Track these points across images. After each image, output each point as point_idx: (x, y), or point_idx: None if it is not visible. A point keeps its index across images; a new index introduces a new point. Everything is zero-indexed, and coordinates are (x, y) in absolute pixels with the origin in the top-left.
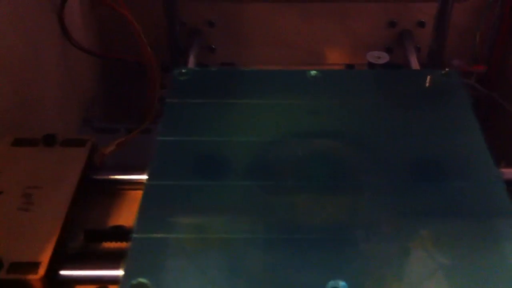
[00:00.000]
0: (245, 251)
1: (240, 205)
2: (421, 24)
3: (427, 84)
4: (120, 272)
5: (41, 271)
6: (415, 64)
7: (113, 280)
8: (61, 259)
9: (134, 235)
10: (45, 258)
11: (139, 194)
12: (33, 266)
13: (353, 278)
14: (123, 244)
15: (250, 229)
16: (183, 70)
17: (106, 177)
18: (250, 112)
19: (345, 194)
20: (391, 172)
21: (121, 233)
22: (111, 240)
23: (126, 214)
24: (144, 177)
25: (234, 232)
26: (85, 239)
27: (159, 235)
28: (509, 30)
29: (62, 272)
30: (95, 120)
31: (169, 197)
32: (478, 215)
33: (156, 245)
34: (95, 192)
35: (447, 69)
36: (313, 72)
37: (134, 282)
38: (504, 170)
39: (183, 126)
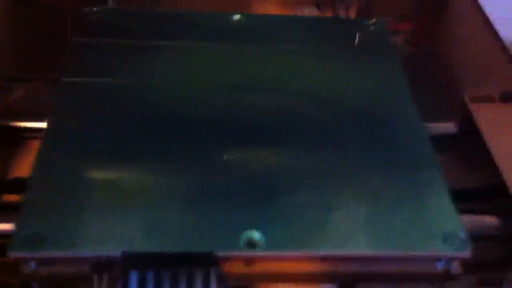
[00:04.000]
0: (160, 203)
1: (154, 154)
2: None
3: (355, 33)
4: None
5: None
6: None
7: (9, 234)
8: None
9: (31, 183)
10: None
11: None
12: None
13: (271, 230)
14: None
15: (167, 180)
16: (94, 9)
17: (6, 123)
18: (165, 56)
19: (270, 145)
20: (317, 122)
21: (21, 185)
22: (10, 192)
23: (28, 165)
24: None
25: (146, 184)
26: None
27: (59, 184)
28: None
29: None
30: (3, 67)
31: (73, 144)
32: (404, 169)
33: (56, 194)
34: None
35: (375, 19)
36: (236, 17)
37: (28, 233)
38: (430, 124)
39: (90, 67)
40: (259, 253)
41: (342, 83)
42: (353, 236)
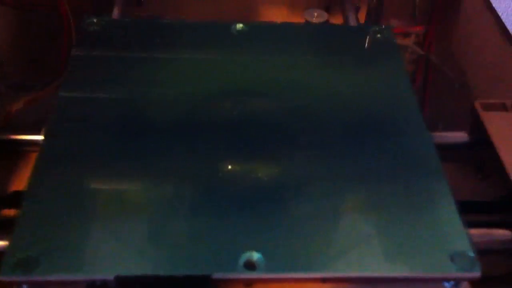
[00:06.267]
0: (155, 225)
1: (151, 169)
2: None
3: (360, 40)
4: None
5: None
6: (353, 22)
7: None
8: None
9: (24, 203)
10: None
11: None
12: None
13: (270, 251)
14: None
15: (163, 200)
16: (94, 20)
17: (6, 137)
18: (167, 68)
19: (273, 156)
20: (321, 132)
21: (21, 199)
22: (9, 207)
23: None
24: None
25: (142, 204)
26: None
27: (52, 204)
28: None
29: None
30: (8, 75)
31: (71, 159)
32: (408, 178)
33: (50, 215)
34: None
35: (382, 26)
36: (239, 26)
37: (20, 256)
38: (435, 133)
39: (89, 82)
40: (258, 275)
41: (346, 92)
42: (355, 257)
